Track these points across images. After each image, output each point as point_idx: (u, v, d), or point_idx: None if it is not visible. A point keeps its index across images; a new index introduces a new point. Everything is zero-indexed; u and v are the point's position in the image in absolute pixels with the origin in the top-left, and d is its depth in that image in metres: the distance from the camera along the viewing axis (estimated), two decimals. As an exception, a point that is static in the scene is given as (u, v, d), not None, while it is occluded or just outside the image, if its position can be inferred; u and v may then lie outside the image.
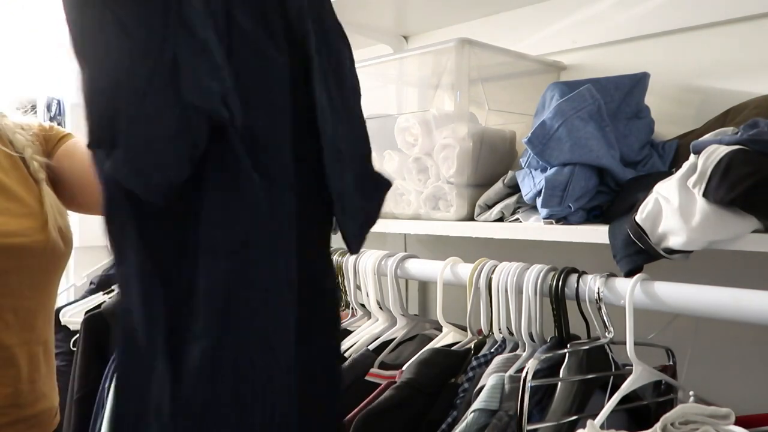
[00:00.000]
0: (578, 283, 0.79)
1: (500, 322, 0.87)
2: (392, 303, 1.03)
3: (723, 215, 0.67)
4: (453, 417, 0.80)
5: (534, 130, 0.87)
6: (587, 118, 0.86)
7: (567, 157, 0.85)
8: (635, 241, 0.74)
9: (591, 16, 1.15)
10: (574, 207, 0.86)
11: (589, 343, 0.79)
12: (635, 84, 0.95)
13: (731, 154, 0.67)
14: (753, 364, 1.00)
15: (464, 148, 1.02)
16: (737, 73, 1.00)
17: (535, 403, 0.75)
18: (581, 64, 1.18)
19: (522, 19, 1.25)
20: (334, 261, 1.10)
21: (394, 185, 1.13)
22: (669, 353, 0.85)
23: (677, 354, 0.85)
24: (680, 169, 0.72)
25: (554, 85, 0.92)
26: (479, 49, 1.03)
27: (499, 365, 0.82)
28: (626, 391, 0.72)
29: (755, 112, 0.84)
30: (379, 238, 1.53)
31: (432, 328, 1.06)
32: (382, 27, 1.42)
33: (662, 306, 0.72)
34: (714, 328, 0.84)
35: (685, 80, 1.05)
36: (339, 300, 0.97)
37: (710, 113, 0.94)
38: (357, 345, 1.00)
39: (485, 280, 0.87)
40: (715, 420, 0.62)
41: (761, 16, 0.96)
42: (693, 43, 1.04)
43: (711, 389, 0.77)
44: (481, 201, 1.01)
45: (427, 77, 1.10)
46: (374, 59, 1.16)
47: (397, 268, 1.01)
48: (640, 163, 0.93)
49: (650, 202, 0.73)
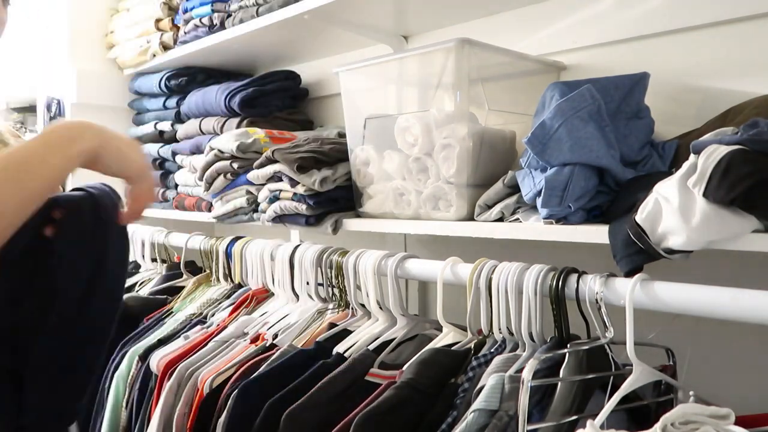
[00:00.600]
0: (578, 283, 0.79)
1: (500, 322, 0.87)
2: (392, 303, 1.03)
3: (723, 215, 0.67)
4: (453, 417, 0.80)
5: (534, 130, 0.87)
6: (587, 118, 0.86)
7: (567, 157, 0.85)
8: (635, 241, 0.74)
9: (591, 16, 1.15)
10: (574, 207, 0.86)
11: (589, 343, 0.79)
12: (635, 84, 0.95)
13: (731, 154, 0.67)
14: (753, 364, 1.00)
15: (464, 148, 1.02)
16: (737, 73, 1.00)
17: (535, 403, 0.75)
18: (581, 64, 1.18)
19: (522, 19, 1.25)
20: (334, 261, 1.10)
21: (394, 185, 1.13)
22: (669, 353, 0.85)
23: (677, 354, 0.85)
24: (680, 169, 0.72)
25: (554, 85, 0.92)
26: (479, 49, 1.03)
27: (499, 365, 0.82)
28: (626, 391, 0.72)
29: (755, 112, 0.84)
30: (379, 238, 1.53)
31: (432, 328, 1.06)
32: (382, 27, 1.42)
33: (662, 306, 0.72)
34: (714, 328, 0.84)
35: (685, 80, 1.06)
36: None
37: (710, 113, 0.94)
38: (357, 345, 1.00)
39: (485, 280, 0.87)
40: (715, 420, 0.62)
41: (761, 16, 0.96)
42: (693, 43, 1.04)
43: (711, 389, 0.77)
44: (481, 201, 1.01)
45: (427, 77, 1.10)
46: (374, 59, 1.16)
47: (397, 268, 1.01)
48: (640, 163, 0.93)
49: (650, 202, 0.73)
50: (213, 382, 1.02)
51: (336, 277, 1.11)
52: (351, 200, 1.25)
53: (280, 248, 1.21)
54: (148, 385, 1.15)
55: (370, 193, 1.21)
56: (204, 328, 1.21)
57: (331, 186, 1.22)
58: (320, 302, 1.16)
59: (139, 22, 1.91)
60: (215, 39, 1.59)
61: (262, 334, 1.11)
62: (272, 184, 1.30)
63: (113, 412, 1.18)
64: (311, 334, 1.08)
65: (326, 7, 1.23)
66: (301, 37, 1.52)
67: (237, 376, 1.00)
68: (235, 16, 1.53)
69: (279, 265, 1.20)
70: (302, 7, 1.27)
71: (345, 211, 1.26)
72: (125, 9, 1.98)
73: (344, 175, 1.24)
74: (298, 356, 0.99)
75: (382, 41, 1.45)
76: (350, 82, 1.20)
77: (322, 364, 0.96)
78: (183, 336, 1.19)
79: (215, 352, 1.11)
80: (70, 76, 1.95)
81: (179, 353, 1.13)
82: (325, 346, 1.01)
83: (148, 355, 1.17)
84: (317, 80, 1.72)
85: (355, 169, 1.22)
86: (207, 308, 1.30)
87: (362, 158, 1.20)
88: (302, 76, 1.70)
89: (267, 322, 1.16)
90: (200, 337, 1.17)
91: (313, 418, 0.86)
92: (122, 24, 1.97)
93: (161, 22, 1.85)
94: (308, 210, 1.22)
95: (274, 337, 1.08)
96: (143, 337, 1.26)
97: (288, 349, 1.02)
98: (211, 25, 1.63)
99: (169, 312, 1.35)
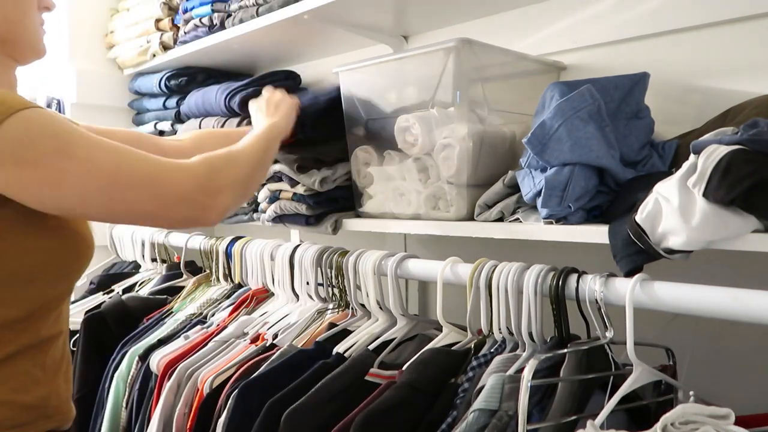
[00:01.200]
0: (578, 283, 0.79)
1: (500, 322, 0.87)
2: (392, 303, 1.03)
3: (723, 215, 0.67)
4: (453, 417, 0.80)
5: (534, 130, 0.87)
6: (587, 118, 0.86)
7: (567, 157, 0.85)
8: (635, 241, 0.74)
9: (591, 16, 1.15)
10: (574, 207, 0.86)
11: (589, 343, 0.79)
12: (635, 84, 0.95)
13: (731, 154, 0.67)
14: (753, 364, 1.00)
15: (464, 148, 1.02)
16: (737, 73, 1.00)
17: (535, 403, 0.75)
18: (581, 64, 1.18)
19: (522, 19, 1.25)
20: (334, 261, 1.10)
21: (394, 185, 1.13)
22: (669, 353, 0.85)
23: (677, 354, 0.85)
24: (680, 169, 0.72)
25: (554, 85, 0.92)
26: (479, 49, 1.03)
27: (499, 365, 0.82)
28: (626, 391, 0.72)
29: (755, 112, 0.84)
30: (379, 238, 1.53)
31: (432, 328, 1.06)
32: (382, 27, 1.42)
33: (662, 306, 0.72)
34: (714, 328, 0.84)
35: (685, 80, 1.05)
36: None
37: (710, 113, 0.94)
38: (357, 345, 1.00)
39: (485, 280, 0.87)
40: (715, 420, 0.62)
41: (761, 16, 0.96)
42: (693, 43, 1.04)
43: (711, 389, 0.77)
44: (481, 201, 1.01)
45: (427, 77, 1.10)
46: (374, 59, 1.16)
47: (397, 268, 1.01)
48: (640, 163, 0.93)
49: (650, 202, 0.73)
50: (213, 382, 1.02)
51: (336, 277, 1.11)
52: (351, 200, 1.25)
53: (280, 248, 1.21)
54: (148, 385, 1.15)
55: (370, 193, 1.21)
56: (204, 328, 1.21)
57: (331, 186, 1.22)
58: (320, 302, 1.16)
59: (139, 22, 1.91)
60: (215, 39, 1.59)
61: (262, 334, 1.11)
62: (272, 184, 1.30)
63: (113, 412, 1.18)
64: (311, 334, 1.08)
65: (326, 7, 1.23)
66: (301, 37, 1.52)
67: (237, 376, 1.00)
68: (235, 16, 1.53)
69: (279, 265, 1.20)
70: (302, 7, 1.27)
71: (345, 211, 1.26)
72: (125, 9, 1.98)
73: (344, 175, 1.24)
74: (298, 356, 0.99)
75: (382, 41, 1.45)
76: (350, 82, 1.20)
77: (322, 364, 0.96)
78: (183, 336, 1.20)
79: (215, 352, 1.11)
80: (70, 75, 1.94)
81: (179, 353, 1.13)
82: (325, 346, 1.01)
83: (148, 355, 1.17)
84: (317, 80, 1.72)
85: (355, 169, 1.22)
86: (207, 308, 1.30)
87: (362, 158, 1.20)
88: (302, 76, 1.70)
89: (267, 322, 1.16)
90: (200, 337, 1.17)
91: (313, 418, 0.86)
92: (122, 24, 1.97)
93: (161, 22, 1.85)
94: (308, 210, 1.22)
95: (274, 337, 1.08)
96: (143, 337, 1.26)
97: (288, 349, 1.02)
98: (211, 25, 1.63)
99: (169, 312, 1.35)
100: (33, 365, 0.84)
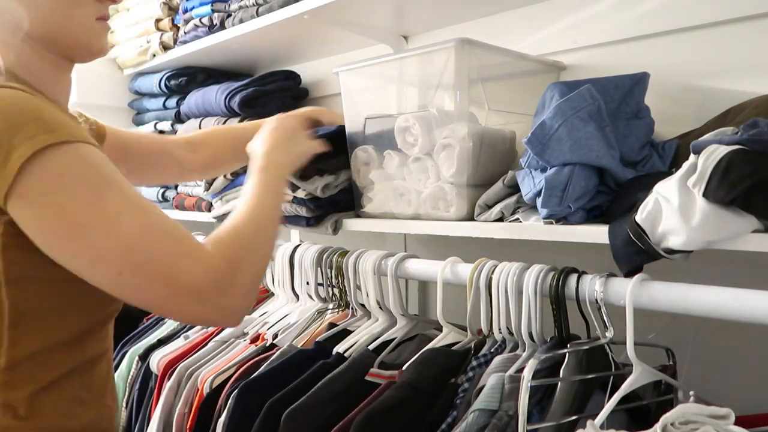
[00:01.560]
0: (578, 283, 0.79)
1: (500, 322, 0.87)
2: (392, 303, 1.03)
3: (723, 215, 0.67)
4: (453, 417, 0.80)
5: (534, 130, 0.87)
6: (587, 118, 0.86)
7: (567, 157, 0.85)
8: (635, 241, 0.74)
9: (591, 16, 1.15)
10: (574, 207, 0.86)
11: (589, 343, 0.79)
12: (635, 84, 0.95)
13: (731, 154, 0.67)
14: (753, 364, 1.00)
15: (464, 148, 1.02)
16: (737, 73, 1.00)
17: (535, 403, 0.75)
18: (581, 64, 1.18)
19: (522, 19, 1.25)
20: (334, 261, 1.10)
21: (394, 185, 1.13)
22: (669, 353, 0.85)
23: (677, 354, 0.85)
24: (680, 169, 0.72)
25: (554, 85, 0.92)
26: (479, 49, 1.03)
27: (499, 365, 0.82)
28: (626, 391, 0.72)
29: (755, 112, 0.84)
30: (379, 238, 1.53)
31: (432, 328, 1.06)
32: (382, 27, 1.42)
33: (662, 306, 0.72)
34: (714, 328, 0.84)
35: (685, 80, 1.05)
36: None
37: (710, 113, 0.94)
38: (357, 345, 1.00)
39: (485, 280, 0.87)
40: (715, 420, 0.62)
41: (761, 16, 0.96)
42: (693, 43, 1.04)
43: (711, 389, 0.77)
44: (481, 201, 1.01)
45: (427, 77, 1.10)
46: (374, 59, 1.16)
47: (397, 268, 1.01)
48: (640, 163, 0.93)
49: (650, 202, 0.73)
50: (213, 382, 1.02)
51: (336, 277, 1.11)
52: (351, 201, 1.24)
53: (279, 248, 1.21)
54: (148, 384, 1.15)
55: (370, 194, 1.21)
56: (204, 328, 1.21)
57: (333, 192, 1.22)
58: (320, 302, 1.16)
59: (139, 22, 1.91)
60: (215, 39, 1.59)
61: (262, 334, 1.11)
62: (272, 184, 1.30)
63: (113, 412, 1.18)
64: (311, 334, 1.08)
65: (326, 7, 1.23)
66: (301, 37, 1.52)
67: (237, 376, 1.00)
68: (235, 16, 1.53)
69: (279, 265, 1.20)
70: (302, 7, 1.27)
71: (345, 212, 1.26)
72: (125, 9, 1.98)
73: (346, 180, 1.23)
74: (297, 356, 1.00)
75: (382, 41, 1.45)
76: (350, 82, 1.20)
77: (322, 364, 0.96)
78: (183, 336, 1.20)
79: (215, 352, 1.11)
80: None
81: (179, 353, 1.13)
82: (325, 346, 1.01)
83: (148, 354, 1.17)
84: (317, 80, 1.72)
85: (355, 169, 1.21)
86: (207, 308, 1.29)
87: (362, 158, 1.20)
88: (302, 76, 1.70)
89: (267, 322, 1.16)
90: (200, 337, 1.17)
91: (313, 418, 0.86)
92: (122, 24, 1.97)
93: (161, 22, 1.85)
94: (308, 212, 1.22)
95: (274, 337, 1.08)
96: (143, 336, 1.26)
97: (288, 349, 1.02)
98: (211, 25, 1.63)
99: (169, 312, 1.35)
100: (80, 387, 0.79)
